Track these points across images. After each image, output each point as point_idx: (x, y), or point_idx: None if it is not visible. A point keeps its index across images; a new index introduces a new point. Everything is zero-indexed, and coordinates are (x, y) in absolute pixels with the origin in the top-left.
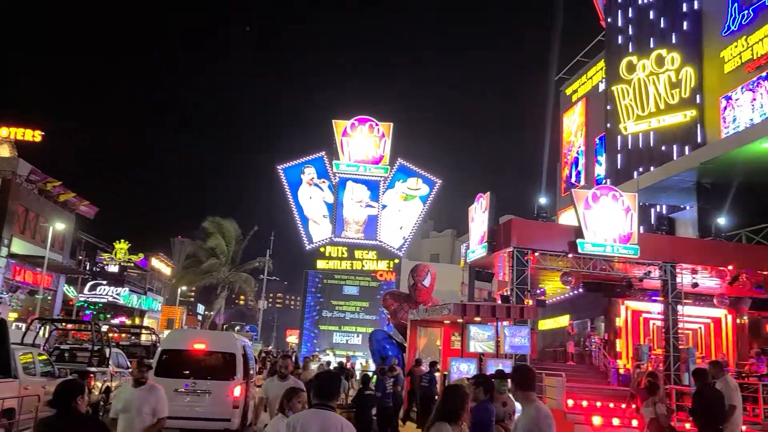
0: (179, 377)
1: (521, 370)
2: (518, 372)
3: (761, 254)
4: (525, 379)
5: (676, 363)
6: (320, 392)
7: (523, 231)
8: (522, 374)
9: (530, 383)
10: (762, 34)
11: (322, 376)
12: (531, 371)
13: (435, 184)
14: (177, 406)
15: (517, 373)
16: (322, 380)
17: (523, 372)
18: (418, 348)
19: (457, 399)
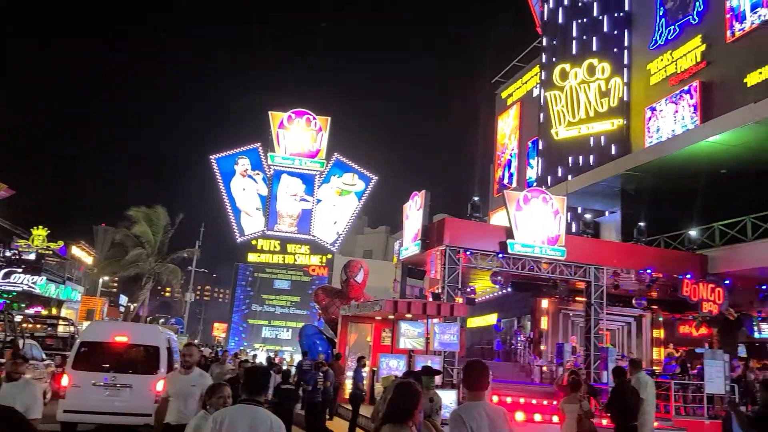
0: (98, 371)
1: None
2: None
3: (677, 259)
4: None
5: (596, 361)
6: (249, 387)
7: (456, 230)
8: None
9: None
10: (686, 49)
11: (251, 371)
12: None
13: (371, 180)
14: (94, 400)
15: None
16: (251, 375)
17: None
18: (348, 344)
19: (410, 397)
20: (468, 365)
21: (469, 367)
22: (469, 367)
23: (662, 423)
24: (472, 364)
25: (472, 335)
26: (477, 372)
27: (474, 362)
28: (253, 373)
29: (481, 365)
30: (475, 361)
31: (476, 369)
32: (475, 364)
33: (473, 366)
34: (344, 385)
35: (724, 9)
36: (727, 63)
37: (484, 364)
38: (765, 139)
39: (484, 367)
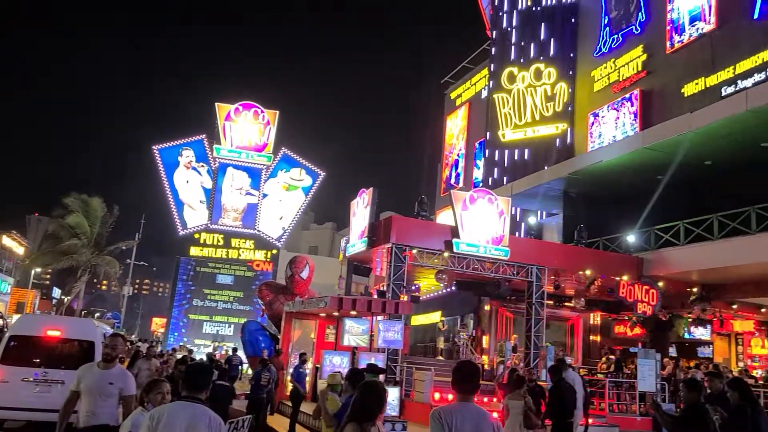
0: (28, 366)
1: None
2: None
3: (615, 261)
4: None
5: (535, 360)
6: (189, 384)
7: (403, 228)
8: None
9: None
10: (628, 58)
11: (192, 367)
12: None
13: (318, 176)
14: (24, 396)
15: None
16: (191, 372)
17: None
18: (292, 340)
19: (375, 397)
20: (457, 366)
21: (457, 367)
22: (458, 367)
23: (596, 419)
24: (460, 365)
25: (415, 333)
26: (465, 373)
27: (463, 363)
28: (193, 370)
29: (470, 366)
30: (464, 362)
31: (464, 370)
32: (464, 365)
33: (461, 367)
34: (285, 382)
35: (664, 21)
36: (666, 73)
37: (475, 366)
38: (699, 149)
39: (474, 369)
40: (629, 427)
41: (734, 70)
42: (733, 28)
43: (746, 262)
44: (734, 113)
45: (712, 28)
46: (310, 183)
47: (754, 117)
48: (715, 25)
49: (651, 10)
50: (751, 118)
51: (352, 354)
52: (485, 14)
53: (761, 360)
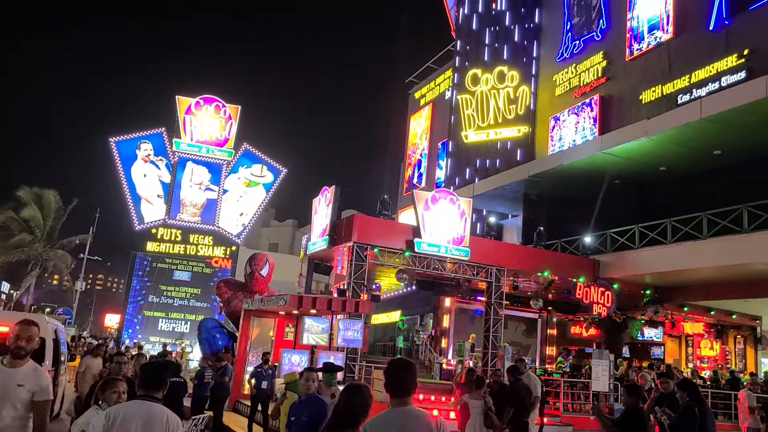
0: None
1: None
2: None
3: (572, 263)
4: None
5: (493, 359)
6: (146, 383)
7: (364, 227)
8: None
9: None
10: (589, 63)
11: (148, 365)
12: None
13: (280, 172)
14: None
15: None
16: (147, 370)
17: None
18: (250, 338)
19: (358, 403)
20: (388, 365)
21: (388, 367)
22: (389, 367)
23: (551, 419)
24: (392, 364)
25: (375, 332)
26: (397, 373)
27: (395, 362)
28: (149, 368)
29: (402, 364)
30: (395, 361)
31: (395, 370)
32: (396, 363)
33: (393, 366)
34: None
35: (624, 29)
36: (625, 80)
37: (408, 363)
38: (656, 154)
39: (407, 367)
40: (583, 426)
41: (690, 78)
42: (690, 38)
43: (697, 266)
44: (689, 121)
45: (669, 38)
46: (271, 179)
47: (708, 125)
48: (672, 34)
49: (612, 18)
50: (704, 126)
51: (311, 353)
52: (450, 15)
53: (710, 361)
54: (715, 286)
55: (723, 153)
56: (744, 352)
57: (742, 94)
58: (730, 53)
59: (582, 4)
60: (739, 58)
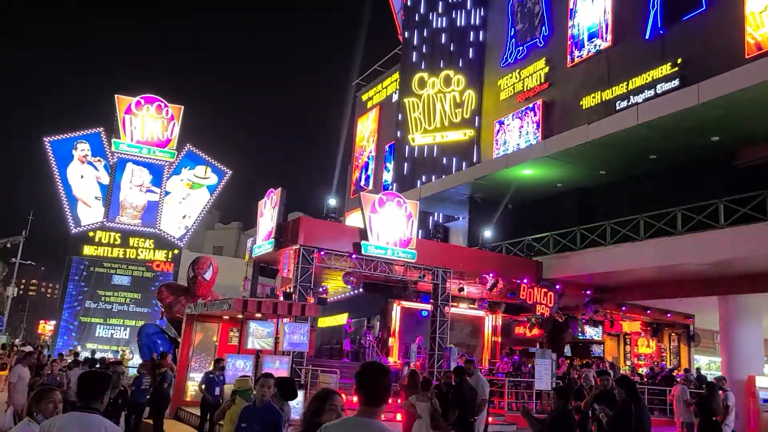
0: None
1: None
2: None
3: (517, 264)
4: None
5: (439, 361)
6: (83, 393)
7: (311, 230)
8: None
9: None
10: (532, 69)
11: (87, 375)
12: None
13: (225, 174)
14: None
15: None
16: (86, 380)
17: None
18: (193, 343)
19: (332, 409)
20: (361, 368)
21: (361, 371)
22: (362, 371)
23: (495, 418)
24: (366, 368)
25: (322, 335)
26: (369, 379)
27: (368, 365)
28: (88, 378)
29: (378, 369)
30: (369, 365)
31: (368, 374)
32: (370, 367)
33: (366, 370)
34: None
35: (566, 36)
36: (566, 85)
37: (384, 369)
38: (595, 159)
39: (383, 373)
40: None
41: (627, 85)
42: (627, 46)
43: (635, 267)
44: (626, 127)
45: (608, 45)
46: (215, 181)
47: (645, 131)
48: (611, 42)
49: (554, 25)
50: (641, 131)
51: (256, 357)
52: (397, 19)
53: (646, 359)
54: (651, 286)
55: (658, 157)
56: (678, 350)
57: (676, 101)
58: (665, 61)
59: (525, 11)
60: (674, 66)
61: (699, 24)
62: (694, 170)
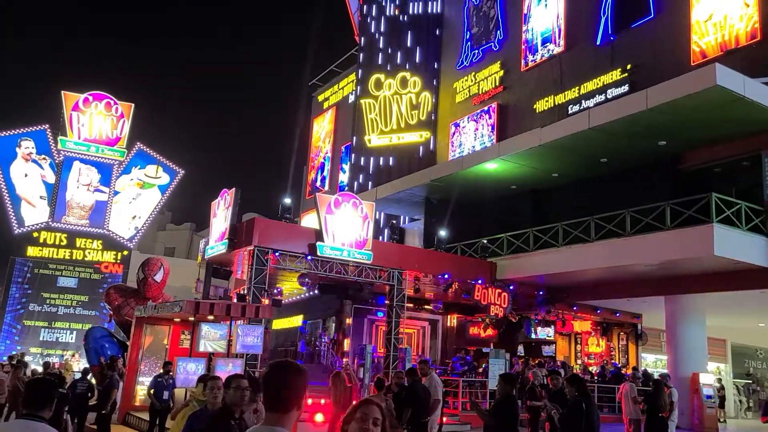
0: None
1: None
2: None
3: (471, 265)
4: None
5: (394, 362)
6: (29, 401)
7: (266, 230)
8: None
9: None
10: (487, 73)
11: (33, 382)
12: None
13: (177, 174)
14: None
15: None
16: (31, 387)
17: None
18: (142, 347)
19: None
20: (267, 368)
21: (266, 371)
22: (266, 371)
23: (450, 418)
24: (270, 367)
25: (276, 337)
26: (273, 378)
27: (273, 364)
28: (34, 385)
29: (282, 367)
30: (275, 363)
31: (272, 374)
32: (275, 366)
33: (270, 369)
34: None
35: (520, 40)
36: (520, 89)
37: (291, 366)
38: (548, 161)
39: (288, 372)
40: (480, 423)
41: (579, 90)
42: (579, 52)
43: (585, 268)
44: (578, 131)
45: (561, 51)
46: (167, 181)
47: (595, 134)
48: (563, 47)
49: (508, 30)
50: (592, 135)
51: (209, 360)
52: (354, 20)
53: (596, 357)
54: (601, 286)
55: (609, 160)
56: (626, 348)
57: (625, 106)
58: (615, 67)
59: (481, 15)
60: (623, 72)
61: (647, 31)
62: (643, 173)
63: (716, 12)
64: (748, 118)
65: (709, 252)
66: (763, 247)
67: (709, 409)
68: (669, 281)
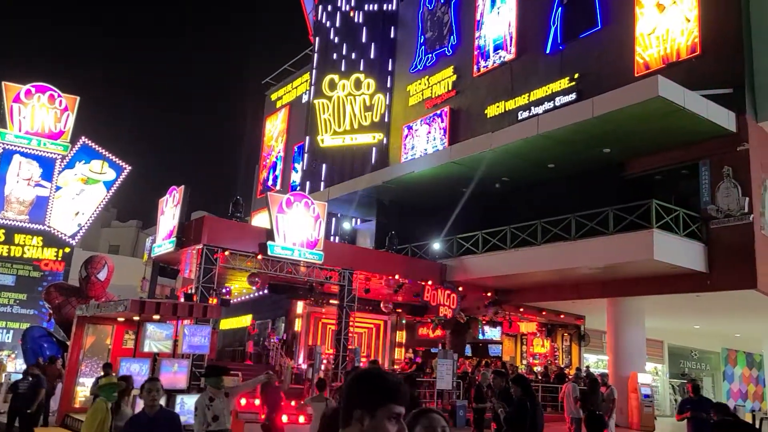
0: None
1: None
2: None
3: (421, 267)
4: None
5: (344, 362)
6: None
7: (215, 229)
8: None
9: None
10: (440, 77)
11: None
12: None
13: (123, 170)
14: None
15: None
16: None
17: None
18: (83, 347)
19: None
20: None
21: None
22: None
23: None
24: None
25: (224, 337)
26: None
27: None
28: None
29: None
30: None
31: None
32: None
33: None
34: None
35: (473, 46)
36: (472, 94)
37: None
38: (498, 166)
39: None
40: None
41: (529, 97)
42: (529, 60)
43: (532, 270)
44: (527, 136)
45: (512, 58)
46: (113, 177)
47: (544, 140)
48: (514, 55)
49: (462, 35)
50: (541, 141)
51: (153, 361)
52: (308, 20)
53: (541, 358)
54: (547, 288)
55: (556, 166)
56: (570, 349)
57: (572, 114)
58: (563, 76)
59: (435, 20)
60: (571, 80)
61: (595, 42)
62: (588, 179)
63: (659, 26)
64: (688, 129)
65: (649, 256)
66: (699, 252)
67: (647, 408)
68: (612, 284)
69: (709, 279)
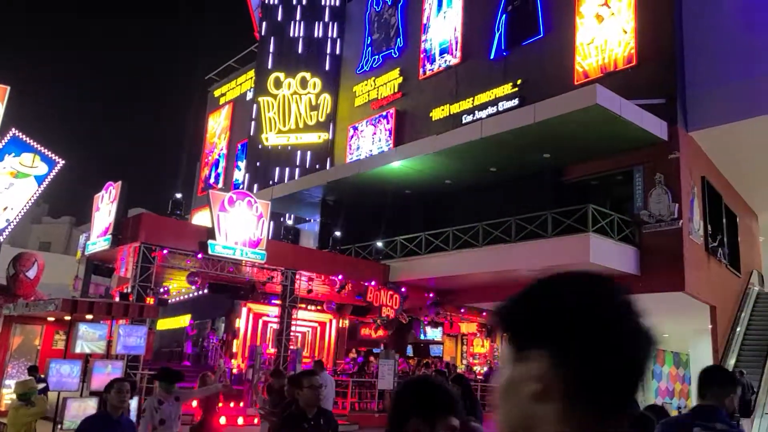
0: None
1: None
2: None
3: (365, 267)
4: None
5: (285, 363)
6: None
7: (154, 227)
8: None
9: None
10: (387, 79)
11: None
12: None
13: (56, 164)
14: None
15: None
16: None
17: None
18: (10, 348)
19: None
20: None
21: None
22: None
23: (339, 418)
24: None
25: (161, 338)
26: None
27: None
28: None
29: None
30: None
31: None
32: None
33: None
34: None
35: (419, 49)
36: (418, 97)
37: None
38: (441, 168)
39: None
40: (368, 423)
41: (473, 101)
42: (474, 65)
43: (473, 271)
44: (470, 140)
45: (457, 62)
46: (45, 171)
47: (486, 144)
48: (459, 59)
49: (408, 38)
50: (483, 145)
51: (85, 362)
52: (254, 17)
53: (480, 358)
54: (488, 289)
55: (498, 170)
56: None
57: (515, 119)
58: (506, 81)
59: (382, 22)
60: (514, 86)
61: (537, 49)
62: (529, 183)
63: (598, 36)
64: (623, 137)
65: (586, 259)
66: (632, 256)
67: None
68: None
69: (640, 281)
